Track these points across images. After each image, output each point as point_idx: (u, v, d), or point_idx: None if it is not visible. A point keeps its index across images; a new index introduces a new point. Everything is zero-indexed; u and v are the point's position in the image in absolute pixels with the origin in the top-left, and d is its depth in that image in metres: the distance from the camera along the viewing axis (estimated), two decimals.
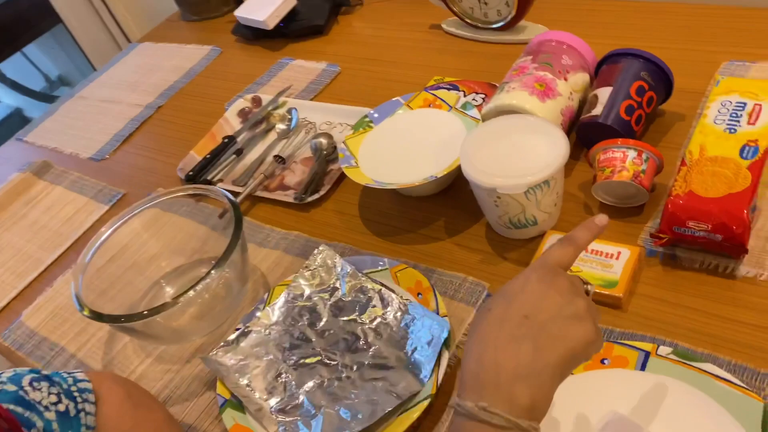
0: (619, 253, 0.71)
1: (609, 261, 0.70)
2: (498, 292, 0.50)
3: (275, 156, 1.02)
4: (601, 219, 0.54)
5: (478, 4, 1.10)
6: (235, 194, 0.99)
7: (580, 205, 0.80)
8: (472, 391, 0.44)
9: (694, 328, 0.64)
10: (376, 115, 0.93)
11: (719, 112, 0.75)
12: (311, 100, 1.16)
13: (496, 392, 0.43)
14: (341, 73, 1.20)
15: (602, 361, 0.62)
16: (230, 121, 1.15)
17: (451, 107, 0.90)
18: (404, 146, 0.88)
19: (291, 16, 1.32)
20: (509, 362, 0.44)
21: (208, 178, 1.03)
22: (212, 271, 0.73)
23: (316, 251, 0.81)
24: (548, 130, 0.75)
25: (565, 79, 0.84)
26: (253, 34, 1.37)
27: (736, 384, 0.56)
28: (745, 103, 0.74)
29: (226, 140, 1.08)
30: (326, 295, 0.78)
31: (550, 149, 0.73)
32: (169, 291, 0.88)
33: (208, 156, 1.06)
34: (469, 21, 1.14)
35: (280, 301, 0.79)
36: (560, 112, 0.82)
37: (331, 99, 1.15)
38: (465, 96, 0.99)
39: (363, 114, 1.03)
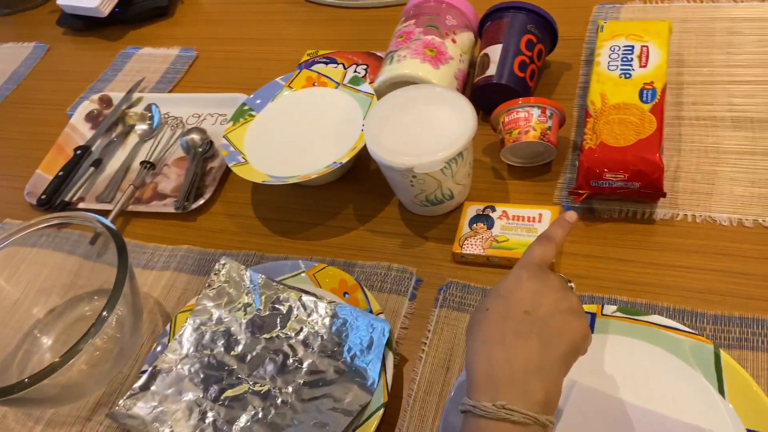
0: (540, 215, 0.69)
1: (532, 225, 0.68)
2: (491, 292, 0.49)
3: (142, 162, 0.90)
4: (571, 215, 0.55)
5: None
6: (104, 213, 0.86)
7: (488, 171, 0.77)
8: (486, 391, 0.43)
9: (628, 279, 0.64)
10: (257, 102, 0.84)
11: (610, 57, 0.75)
12: (170, 92, 1.03)
13: (511, 389, 0.43)
14: (198, 58, 1.08)
15: None
16: (79, 129, 0.99)
17: (338, 84, 0.83)
18: (295, 132, 0.80)
19: None
20: (520, 358, 0.44)
21: (66, 199, 0.88)
22: (104, 313, 0.62)
23: (217, 265, 0.72)
24: (450, 98, 0.70)
25: (454, 41, 0.80)
26: (84, 24, 1.19)
27: (683, 330, 0.56)
28: (632, 46, 0.75)
29: (78, 152, 0.93)
30: (239, 314, 0.69)
31: (457, 118, 0.68)
32: (47, 342, 0.74)
33: (61, 173, 0.90)
34: None
35: (186, 329, 0.69)
36: (454, 76, 0.78)
37: (194, 88, 1.03)
38: (345, 68, 0.92)
39: (235, 101, 0.94)
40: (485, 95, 0.80)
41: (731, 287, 0.61)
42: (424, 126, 0.68)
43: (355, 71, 0.92)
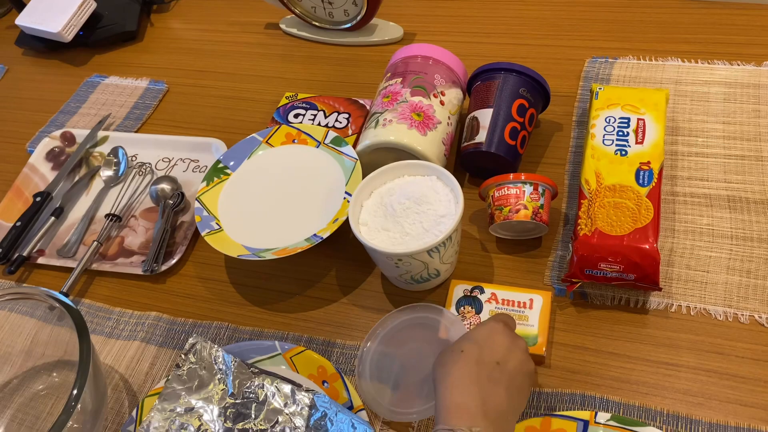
0: (531, 300, 0.66)
1: (523, 312, 0.65)
2: (465, 337, 0.54)
3: (108, 215, 0.84)
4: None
5: (322, 3, 0.97)
6: (66, 270, 0.81)
7: (475, 242, 0.74)
8: (462, 419, 0.47)
9: (620, 376, 0.61)
10: (231, 163, 0.79)
11: (605, 130, 0.71)
12: (138, 130, 0.97)
13: (485, 422, 0.47)
14: (169, 92, 1.02)
15: None
16: (39, 169, 0.93)
17: (319, 143, 0.78)
18: (274, 195, 0.76)
19: (93, 22, 1.09)
20: (493, 400, 0.48)
21: (24, 253, 0.82)
22: (62, 417, 0.57)
23: (187, 345, 0.67)
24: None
25: (442, 103, 0.76)
26: (46, 46, 1.12)
27: None
28: (628, 119, 0.72)
29: (38, 199, 0.87)
30: (212, 399, 0.65)
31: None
32: (2, 422, 0.69)
33: (19, 224, 0.84)
34: (313, 22, 1.01)
35: (154, 417, 0.65)
36: (441, 141, 0.74)
37: (163, 127, 0.97)
38: (326, 116, 0.88)
39: (208, 147, 0.89)
40: (474, 160, 0.76)
41: (725, 391, 0.59)
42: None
43: (337, 120, 0.87)
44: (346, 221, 0.68)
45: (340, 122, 0.87)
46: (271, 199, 0.75)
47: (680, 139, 0.77)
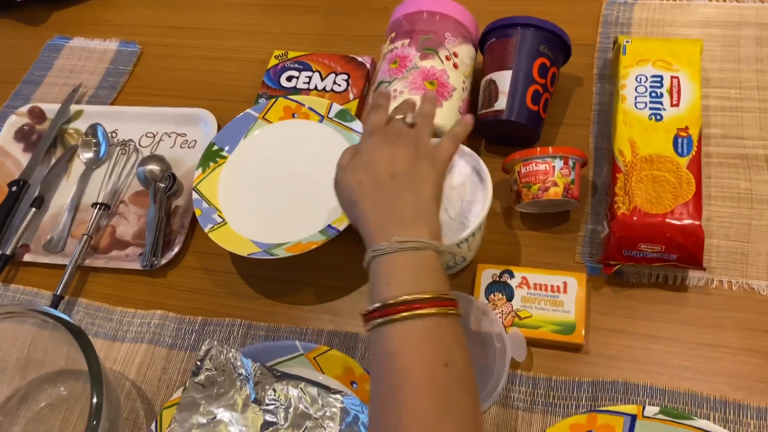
0: (565, 284, 0.62)
1: (558, 297, 0.62)
2: (352, 165, 0.54)
3: (95, 204, 0.77)
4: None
5: None
6: (56, 268, 0.75)
7: (498, 218, 0.69)
8: (382, 236, 0.49)
9: (662, 361, 0.59)
10: (228, 139, 0.72)
11: (637, 91, 0.66)
12: (114, 102, 0.88)
13: (403, 229, 0.49)
14: (144, 54, 0.92)
15: None
16: (10, 152, 0.85)
17: (322, 117, 0.71)
18: (278, 181, 0.69)
19: None
20: (403, 209, 0.51)
21: (8, 252, 0.75)
22: None
23: (202, 351, 0.63)
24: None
25: (455, 66, 0.69)
26: None
27: None
28: (661, 77, 0.66)
29: (14, 188, 0.80)
30: (236, 408, 0.62)
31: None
32: None
33: None
34: None
35: (175, 430, 0.61)
36: (458, 110, 0.68)
37: (142, 96, 0.88)
38: (322, 79, 0.80)
39: (195, 119, 0.82)
40: (493, 128, 0.70)
41: None
42: None
43: (335, 83, 0.79)
44: None
45: (339, 85, 0.79)
46: (275, 184, 0.69)
47: (711, 92, 0.72)
